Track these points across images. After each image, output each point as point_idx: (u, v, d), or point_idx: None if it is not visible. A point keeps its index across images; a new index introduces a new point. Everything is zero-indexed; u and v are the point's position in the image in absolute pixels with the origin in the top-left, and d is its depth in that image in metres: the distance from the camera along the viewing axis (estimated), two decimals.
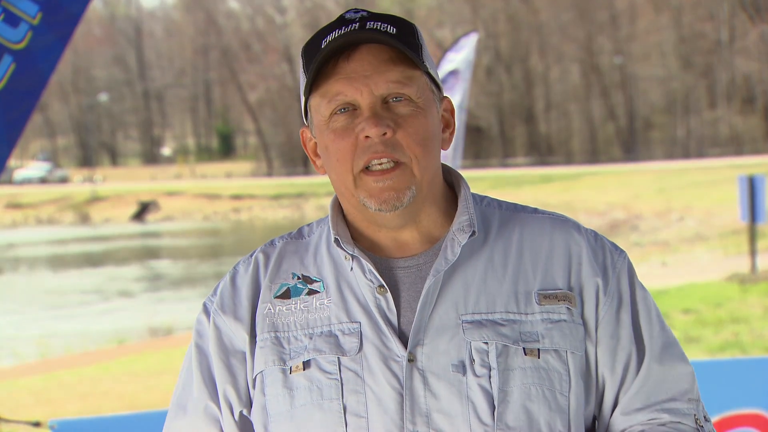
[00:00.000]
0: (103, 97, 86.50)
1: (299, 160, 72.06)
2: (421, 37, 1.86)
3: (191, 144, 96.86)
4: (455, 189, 1.93)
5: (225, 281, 1.95)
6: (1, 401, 10.20)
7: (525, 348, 1.80)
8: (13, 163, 75.34)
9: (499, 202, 1.96)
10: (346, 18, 1.83)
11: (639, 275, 1.95)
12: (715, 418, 3.84)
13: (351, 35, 1.80)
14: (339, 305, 1.85)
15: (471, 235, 1.85)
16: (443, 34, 68.54)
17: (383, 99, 1.81)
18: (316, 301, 1.87)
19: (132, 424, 3.72)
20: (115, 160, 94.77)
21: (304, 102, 1.89)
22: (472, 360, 1.79)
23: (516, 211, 1.94)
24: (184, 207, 55.91)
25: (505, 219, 1.92)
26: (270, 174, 75.53)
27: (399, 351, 1.80)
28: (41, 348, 15.33)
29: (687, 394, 1.88)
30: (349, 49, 1.81)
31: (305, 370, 1.83)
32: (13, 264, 34.38)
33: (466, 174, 2.09)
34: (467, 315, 1.81)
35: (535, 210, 1.95)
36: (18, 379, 12.06)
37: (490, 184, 45.84)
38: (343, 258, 1.88)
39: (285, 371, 1.84)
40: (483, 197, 1.96)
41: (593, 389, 1.87)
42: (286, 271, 1.91)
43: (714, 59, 68.73)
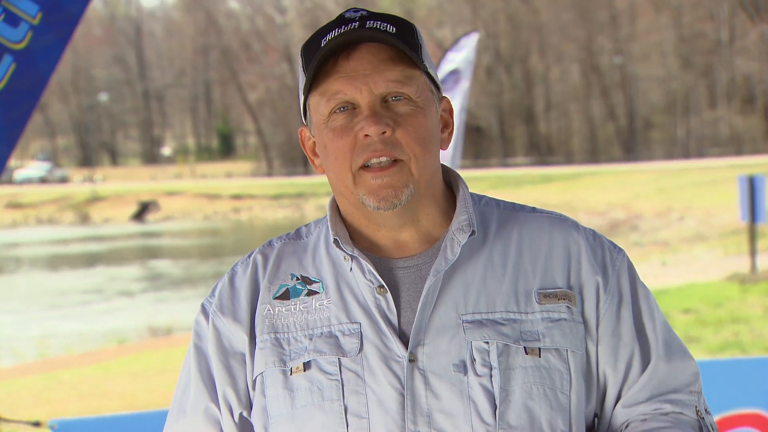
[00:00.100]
0: (103, 97, 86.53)
1: (299, 160, 72.00)
2: (421, 37, 1.86)
3: (191, 144, 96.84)
4: (453, 189, 1.93)
5: (223, 282, 1.94)
6: (1, 401, 10.19)
7: (526, 347, 1.81)
8: (14, 163, 75.29)
9: (497, 201, 1.96)
10: (345, 17, 1.83)
11: (639, 275, 1.94)
12: (716, 418, 3.81)
13: (351, 34, 1.80)
14: (339, 306, 1.85)
15: (470, 235, 1.85)
16: (443, 34, 68.52)
17: (382, 98, 1.81)
18: (315, 302, 1.87)
19: (132, 424, 3.71)
20: (115, 160, 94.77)
21: (303, 101, 1.88)
22: (473, 360, 1.79)
23: (514, 211, 1.94)
24: (184, 207, 55.88)
25: (504, 218, 1.92)
26: (270, 174, 75.52)
27: (400, 351, 1.80)
28: (41, 348, 15.31)
29: (689, 386, 1.90)
30: (349, 48, 1.81)
31: (306, 371, 1.82)
32: (14, 264, 34.32)
33: (465, 174, 2.09)
34: (468, 315, 1.81)
35: (534, 209, 1.95)
36: (18, 379, 12.04)
37: (490, 184, 45.85)
38: (343, 258, 1.87)
39: (285, 372, 1.83)
40: (481, 197, 1.96)
41: (594, 387, 1.87)
42: (284, 272, 1.91)
43: (714, 59, 68.72)
